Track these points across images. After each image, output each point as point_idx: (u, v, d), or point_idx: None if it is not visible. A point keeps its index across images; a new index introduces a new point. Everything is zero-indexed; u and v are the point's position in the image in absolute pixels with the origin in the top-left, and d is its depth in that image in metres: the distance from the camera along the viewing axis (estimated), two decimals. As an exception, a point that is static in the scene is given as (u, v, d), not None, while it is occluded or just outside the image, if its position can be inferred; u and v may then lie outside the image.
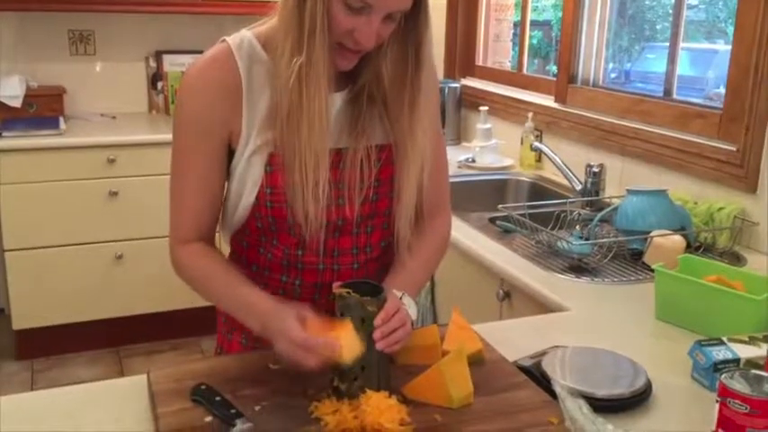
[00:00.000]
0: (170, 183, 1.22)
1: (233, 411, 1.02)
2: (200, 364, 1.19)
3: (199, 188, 1.20)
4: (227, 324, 1.35)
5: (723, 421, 0.98)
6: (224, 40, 1.18)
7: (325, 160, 1.12)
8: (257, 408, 1.05)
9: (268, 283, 1.26)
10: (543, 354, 1.22)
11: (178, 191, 1.21)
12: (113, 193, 3.16)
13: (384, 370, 1.09)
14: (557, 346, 1.25)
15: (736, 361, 1.18)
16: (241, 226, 1.24)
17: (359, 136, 1.19)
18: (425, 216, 1.31)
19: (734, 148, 1.94)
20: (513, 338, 1.33)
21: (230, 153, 1.20)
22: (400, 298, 1.15)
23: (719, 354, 1.19)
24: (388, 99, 1.18)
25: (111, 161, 3.13)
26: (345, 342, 1.03)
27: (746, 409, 0.96)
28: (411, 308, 1.16)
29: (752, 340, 1.23)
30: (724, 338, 1.24)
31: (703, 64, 4.50)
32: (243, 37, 1.18)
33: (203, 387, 1.07)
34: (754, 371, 1.02)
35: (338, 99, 1.19)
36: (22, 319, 3.19)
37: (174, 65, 3.56)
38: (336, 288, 1.09)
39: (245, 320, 1.16)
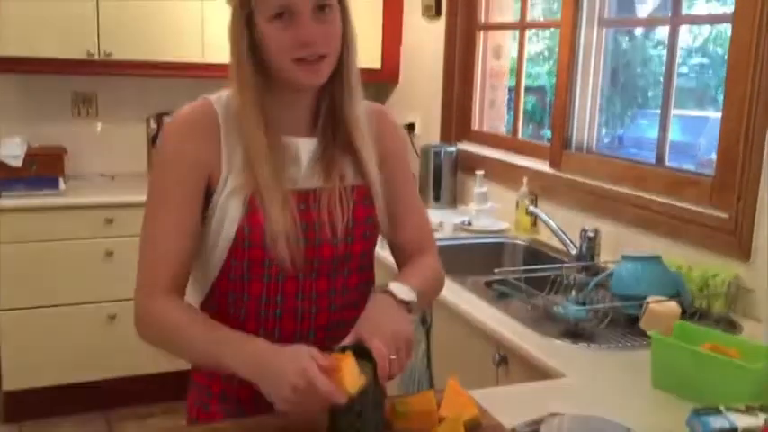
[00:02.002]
0: (144, 232, 1.22)
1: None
2: (196, 430, 1.17)
3: (176, 234, 1.20)
4: (202, 394, 1.32)
5: (722, 492, 0.97)
6: (203, 97, 1.27)
7: (289, 199, 1.19)
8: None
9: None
10: (540, 421, 1.21)
11: (155, 236, 1.22)
12: (109, 253, 3.17)
13: (380, 436, 1.08)
14: (553, 414, 1.25)
15: (734, 430, 1.18)
16: (210, 288, 1.26)
17: (332, 177, 1.25)
18: (413, 257, 1.36)
19: (726, 216, 1.97)
20: (510, 405, 1.32)
21: (207, 199, 1.23)
22: (387, 289, 1.19)
23: (716, 423, 1.18)
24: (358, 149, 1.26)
25: (109, 221, 3.15)
26: (348, 375, 1.03)
27: (745, 480, 0.95)
28: (404, 292, 1.19)
29: (749, 409, 1.23)
30: (721, 407, 1.23)
31: (695, 130, 4.58)
32: (221, 94, 1.27)
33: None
34: (751, 441, 1.02)
35: (310, 144, 1.26)
36: (13, 380, 3.15)
37: (174, 127, 3.60)
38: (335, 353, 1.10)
39: (231, 364, 1.10)
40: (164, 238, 1.21)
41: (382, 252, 1.38)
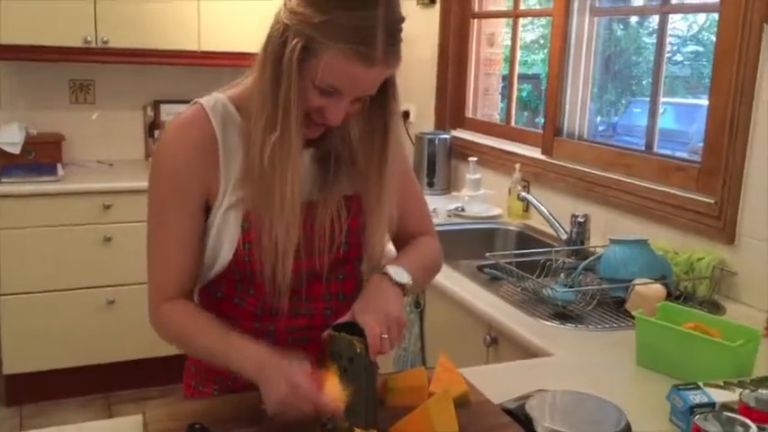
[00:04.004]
0: (148, 241, 1.23)
1: (226, 449, 1.05)
2: (195, 404, 1.22)
3: (181, 245, 1.21)
4: (197, 375, 1.36)
5: (697, 461, 1.02)
6: (196, 102, 1.23)
7: (297, 228, 1.18)
8: (250, 446, 1.08)
9: (241, 332, 1.26)
10: (527, 397, 1.26)
11: (160, 249, 1.23)
12: (108, 239, 3.21)
13: (372, 409, 1.13)
14: (541, 390, 1.29)
15: (712, 405, 1.22)
16: (216, 278, 1.26)
17: (329, 189, 1.24)
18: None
19: (712, 201, 2.01)
20: (499, 382, 1.37)
21: (207, 210, 1.23)
22: (384, 271, 1.21)
23: (696, 398, 1.23)
24: (357, 158, 1.25)
25: (107, 207, 3.19)
26: (331, 392, 1.07)
27: (719, 449, 1.00)
28: (400, 275, 1.22)
29: (727, 385, 1.28)
30: (700, 383, 1.28)
31: (688, 118, 4.62)
32: (216, 99, 1.23)
33: (197, 426, 1.11)
34: (726, 413, 1.07)
35: (306, 156, 1.24)
36: (13, 364, 3.20)
37: (171, 114, 3.64)
38: (327, 332, 1.14)
39: (238, 365, 1.15)
40: (165, 252, 1.22)
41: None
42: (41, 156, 3.43)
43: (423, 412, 1.10)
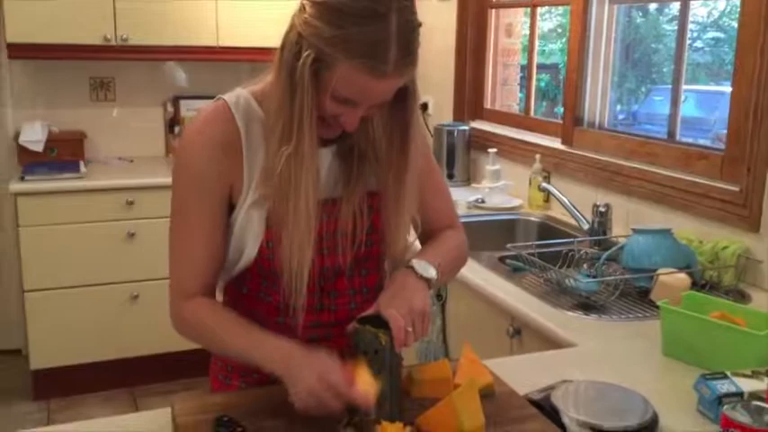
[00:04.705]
0: (170, 238, 1.23)
1: (254, 442, 1.06)
2: (223, 396, 1.23)
3: (203, 243, 1.21)
4: (224, 368, 1.36)
5: (726, 451, 1.02)
6: (220, 98, 1.23)
7: (311, 238, 1.17)
8: (277, 438, 1.09)
9: (264, 327, 1.25)
10: (552, 387, 1.26)
11: (182, 246, 1.23)
12: (131, 235, 3.24)
13: (397, 401, 1.13)
14: (566, 381, 1.29)
15: (740, 394, 1.22)
16: (241, 273, 1.27)
17: (352, 186, 1.24)
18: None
19: (736, 189, 1.99)
20: (523, 373, 1.37)
21: (230, 208, 1.23)
22: (409, 265, 1.21)
23: (723, 387, 1.23)
24: (379, 155, 1.24)
25: (130, 203, 3.22)
26: (362, 385, 1.07)
27: (748, 438, 0.99)
28: (424, 269, 1.22)
29: (755, 374, 1.27)
30: (728, 373, 1.27)
31: (711, 105, 4.56)
32: (239, 95, 1.23)
33: (226, 419, 1.12)
34: (755, 402, 1.06)
35: (328, 153, 1.24)
36: (40, 359, 3.24)
37: (191, 110, 3.67)
38: (352, 325, 1.15)
39: (263, 360, 1.15)
40: (188, 249, 1.22)
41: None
42: (64, 153, 3.47)
43: (448, 403, 1.10)
